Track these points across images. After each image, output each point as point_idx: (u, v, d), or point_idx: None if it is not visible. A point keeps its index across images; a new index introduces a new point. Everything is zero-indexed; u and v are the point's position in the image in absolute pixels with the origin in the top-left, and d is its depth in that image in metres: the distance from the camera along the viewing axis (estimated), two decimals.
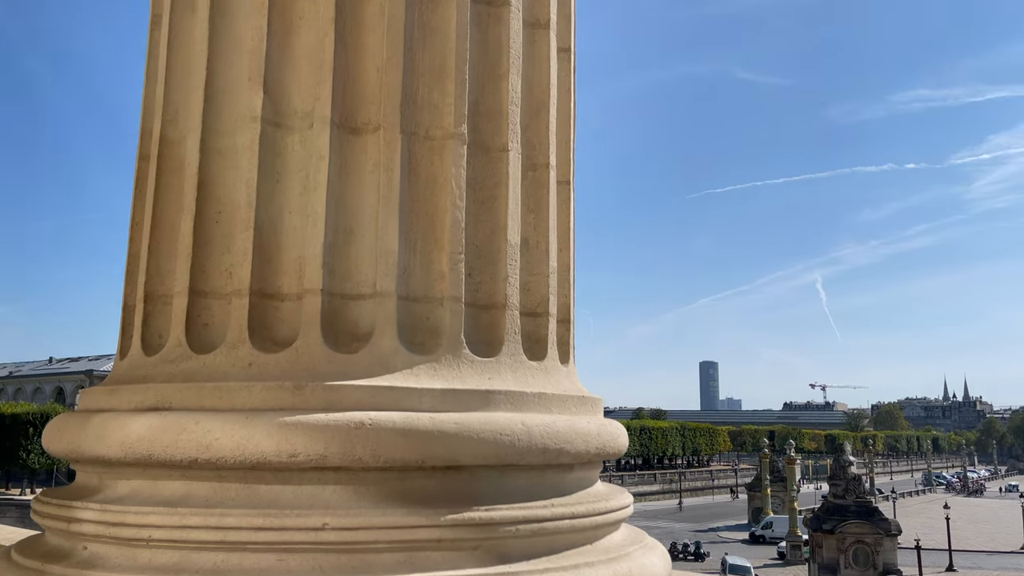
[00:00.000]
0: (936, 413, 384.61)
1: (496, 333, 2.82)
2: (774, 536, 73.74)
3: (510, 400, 2.66)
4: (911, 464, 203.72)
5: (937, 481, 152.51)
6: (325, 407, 2.44)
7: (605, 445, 2.87)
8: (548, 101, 3.15)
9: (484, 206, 2.90)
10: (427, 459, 2.43)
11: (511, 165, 2.93)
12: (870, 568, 52.39)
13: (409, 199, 2.77)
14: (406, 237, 2.73)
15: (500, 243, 2.87)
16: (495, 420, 2.54)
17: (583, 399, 2.98)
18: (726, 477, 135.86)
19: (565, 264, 3.20)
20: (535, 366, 2.89)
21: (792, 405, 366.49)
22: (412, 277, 2.73)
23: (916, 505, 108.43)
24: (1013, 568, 62.19)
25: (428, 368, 2.62)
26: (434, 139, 2.83)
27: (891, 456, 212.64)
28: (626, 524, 3.05)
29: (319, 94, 2.77)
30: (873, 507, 55.49)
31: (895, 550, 53.50)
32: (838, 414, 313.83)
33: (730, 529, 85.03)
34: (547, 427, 2.63)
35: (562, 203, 3.22)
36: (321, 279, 2.63)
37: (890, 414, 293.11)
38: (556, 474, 2.75)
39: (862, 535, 53.12)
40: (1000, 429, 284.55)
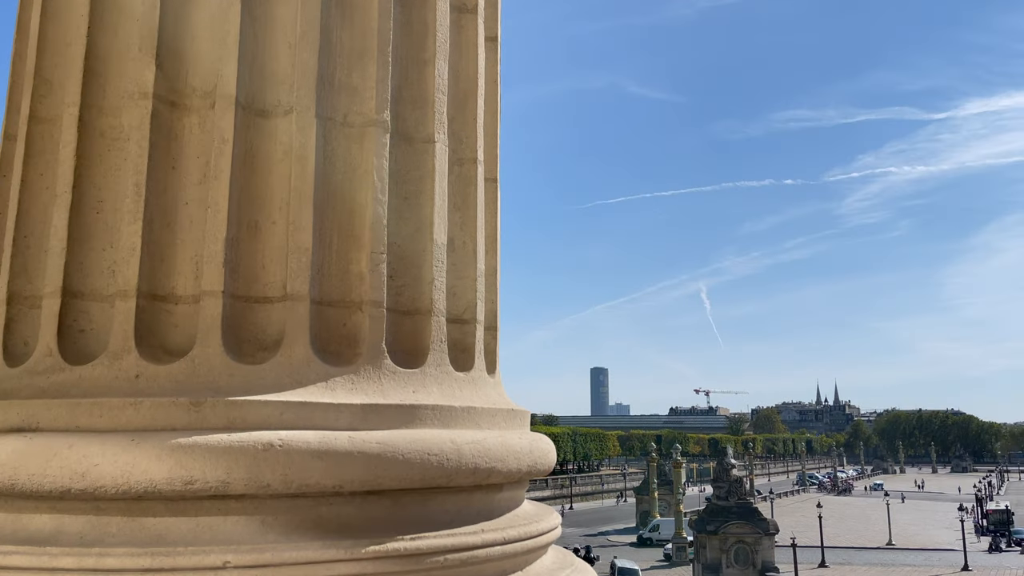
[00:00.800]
0: (810, 417, 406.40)
1: (421, 342, 2.56)
2: (661, 538, 75.66)
3: (437, 416, 2.42)
4: (787, 465, 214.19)
5: (810, 481, 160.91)
6: (227, 426, 2.12)
7: (537, 462, 2.66)
8: (476, 91, 2.93)
9: (408, 202, 2.64)
10: (346, 484, 2.16)
11: (437, 158, 2.69)
12: (750, 567, 54.58)
13: (325, 191, 2.48)
14: (321, 234, 2.45)
15: (425, 243, 2.62)
16: (422, 438, 2.29)
17: (512, 412, 2.76)
18: (615, 481, 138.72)
19: (492, 267, 2.98)
20: (462, 377, 2.66)
21: (678, 410, 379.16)
22: (328, 279, 2.45)
23: (792, 505, 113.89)
24: (879, 563, 66.11)
25: (346, 381, 2.34)
26: (353, 126, 2.56)
27: (769, 458, 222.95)
28: (553, 545, 2.86)
29: (222, 71, 2.44)
30: (753, 508, 57.88)
31: (773, 548, 55.93)
32: (721, 418, 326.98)
33: (619, 533, 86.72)
34: (478, 445, 2.40)
35: (489, 202, 3.00)
36: (222, 279, 2.31)
37: (768, 418, 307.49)
38: (485, 496, 2.52)
39: (743, 535, 55.30)
40: (867, 431, 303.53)
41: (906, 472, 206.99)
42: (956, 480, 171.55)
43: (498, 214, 3.08)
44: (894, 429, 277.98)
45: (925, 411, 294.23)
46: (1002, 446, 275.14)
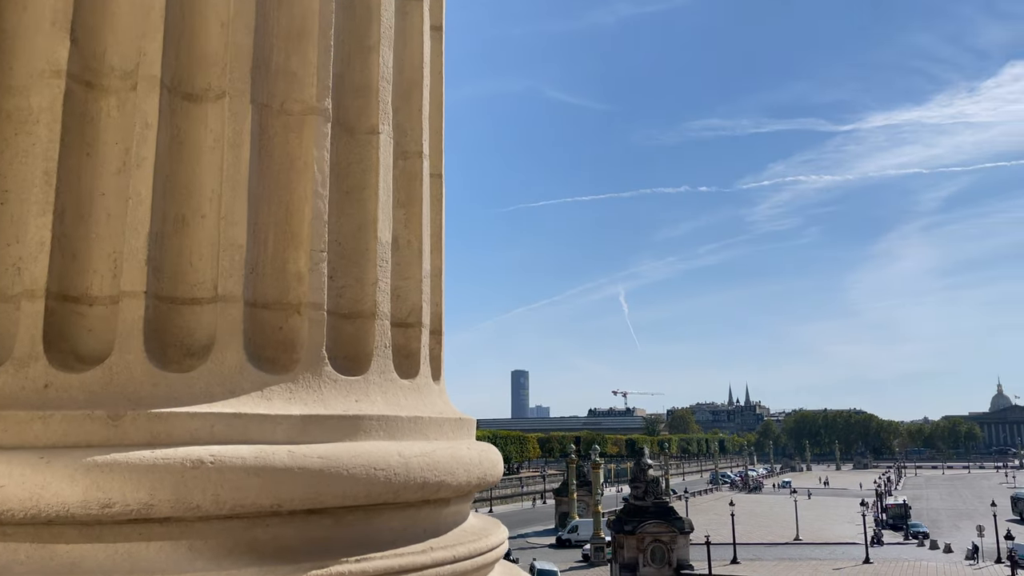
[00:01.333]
0: (722, 417, 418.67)
1: (364, 347, 2.39)
2: (579, 539, 76.38)
3: (383, 427, 2.25)
4: (701, 465, 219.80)
5: (723, 480, 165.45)
6: (150, 441, 1.91)
7: (486, 474, 2.52)
8: (421, 81, 2.77)
9: (350, 197, 2.47)
10: (285, 502, 1.97)
11: (382, 150, 2.52)
12: (666, 565, 55.66)
13: (260, 183, 2.28)
14: (256, 230, 2.25)
15: (369, 241, 2.45)
16: (367, 451, 2.12)
17: (459, 422, 2.62)
18: (535, 484, 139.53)
19: (437, 268, 2.83)
20: (407, 385, 2.50)
21: (596, 411, 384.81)
22: (263, 278, 2.25)
23: (705, 503, 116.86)
24: (787, 558, 68.45)
25: (283, 390, 2.16)
26: (292, 114, 2.37)
27: (684, 457, 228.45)
28: (501, 560, 2.73)
29: (146, 48, 2.22)
30: (669, 507, 59.08)
31: (688, 547, 57.21)
32: (638, 419, 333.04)
33: (538, 535, 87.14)
34: (426, 457, 2.25)
35: (435, 198, 2.85)
36: (144, 279, 2.09)
37: (683, 418, 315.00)
38: (433, 511, 2.37)
39: (659, 534, 56.35)
40: (776, 431, 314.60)
41: (812, 470, 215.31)
42: (858, 476, 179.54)
43: (443, 212, 2.94)
44: (801, 428, 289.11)
45: (830, 411, 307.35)
46: (900, 443, 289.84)
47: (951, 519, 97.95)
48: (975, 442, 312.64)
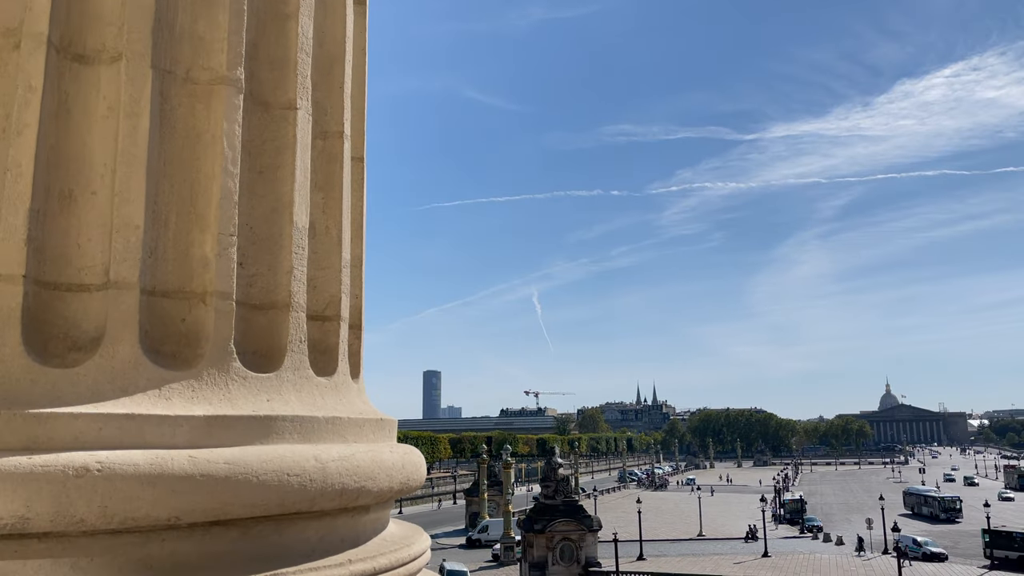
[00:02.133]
0: (631, 416, 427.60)
1: (277, 341, 2.18)
2: (490, 539, 76.43)
3: (298, 428, 2.05)
4: (610, 463, 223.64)
5: (630, 478, 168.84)
6: (27, 446, 1.66)
7: (409, 478, 2.35)
8: (343, 56, 2.57)
9: (264, 177, 2.26)
10: (184, 514, 1.76)
11: (299, 128, 2.32)
12: (574, 563, 56.26)
13: (161, 158, 2.05)
14: (156, 209, 2.02)
15: (284, 226, 2.25)
16: (280, 456, 1.92)
17: (380, 423, 2.44)
18: (446, 484, 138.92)
19: (358, 257, 2.64)
20: (324, 383, 2.30)
21: (508, 411, 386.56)
22: (163, 264, 2.02)
23: (614, 501, 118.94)
24: (691, 553, 70.32)
25: (185, 388, 1.93)
26: (199, 82, 2.14)
27: (593, 456, 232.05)
28: (425, 569, 2.56)
29: (31, 3, 1.96)
30: (578, 505, 59.73)
31: (596, 544, 58.00)
32: (549, 419, 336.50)
33: (448, 535, 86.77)
34: (345, 462, 2.06)
35: (356, 183, 2.66)
36: (24, 261, 1.83)
37: (593, 418, 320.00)
38: (352, 519, 2.18)
39: (568, 532, 56.91)
40: (681, 429, 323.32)
41: (715, 467, 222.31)
42: (758, 473, 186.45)
43: (365, 198, 2.75)
44: (706, 427, 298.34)
45: (732, 410, 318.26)
46: (797, 441, 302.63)
47: (843, 513, 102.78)
48: (866, 439, 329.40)
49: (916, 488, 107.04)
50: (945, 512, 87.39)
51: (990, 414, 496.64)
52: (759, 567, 60.83)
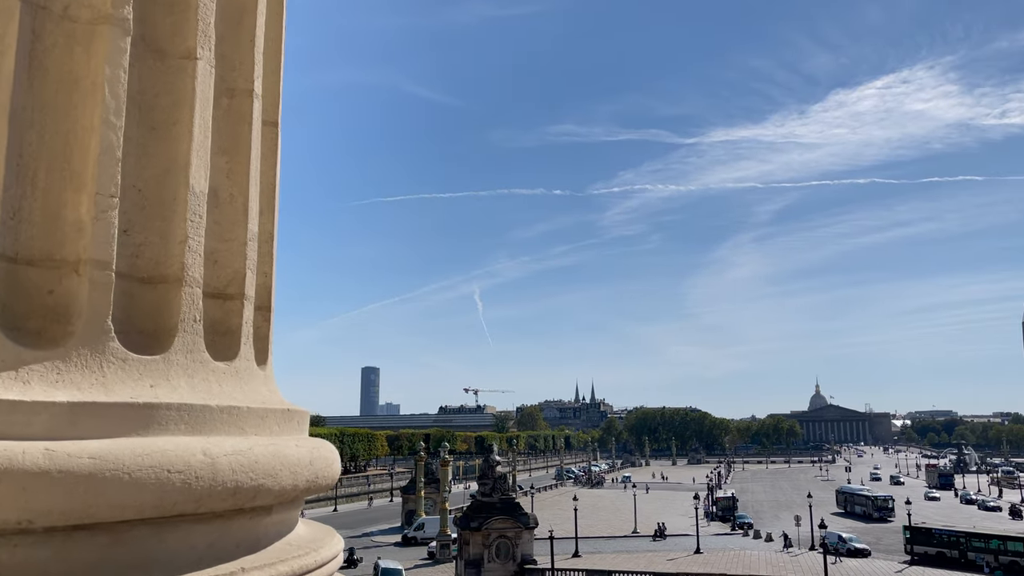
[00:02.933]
0: (569, 414, 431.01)
1: (166, 320, 1.92)
2: (426, 537, 75.95)
3: (186, 418, 1.80)
4: (547, 461, 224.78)
5: (567, 475, 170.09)
6: None
7: (318, 475, 2.11)
8: (255, 7, 2.31)
9: (156, 134, 1.98)
10: (39, 516, 1.49)
11: (199, 81, 2.05)
12: (510, 560, 56.28)
13: (30, 104, 1.77)
14: (21, 163, 1.73)
15: (178, 189, 1.98)
16: (160, 450, 1.66)
17: (288, 414, 2.19)
18: (383, 481, 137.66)
19: (268, 231, 2.38)
20: (223, 369, 2.04)
21: (447, 409, 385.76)
22: (28, 226, 1.74)
23: (550, 498, 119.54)
24: (625, 550, 71.09)
25: (48, 369, 1.66)
26: (78, 21, 1.86)
27: (532, 454, 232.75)
28: (338, 573, 2.32)
29: None
30: (515, 503, 59.81)
31: (532, 542, 58.14)
32: (488, 416, 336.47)
33: (384, 533, 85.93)
34: (240, 457, 1.81)
35: (268, 150, 2.40)
36: None
37: (531, 415, 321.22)
38: (249, 522, 1.93)
39: (504, 530, 56.90)
40: (618, 427, 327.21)
41: (651, 465, 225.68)
42: (692, 471, 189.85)
43: (278, 166, 2.49)
44: (642, 425, 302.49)
45: (668, 408, 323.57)
46: (730, 440, 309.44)
47: (773, 510, 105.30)
48: (795, 438, 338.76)
49: (849, 487, 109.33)
50: (878, 511, 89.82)
51: (912, 415, 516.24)
52: (691, 563, 61.81)
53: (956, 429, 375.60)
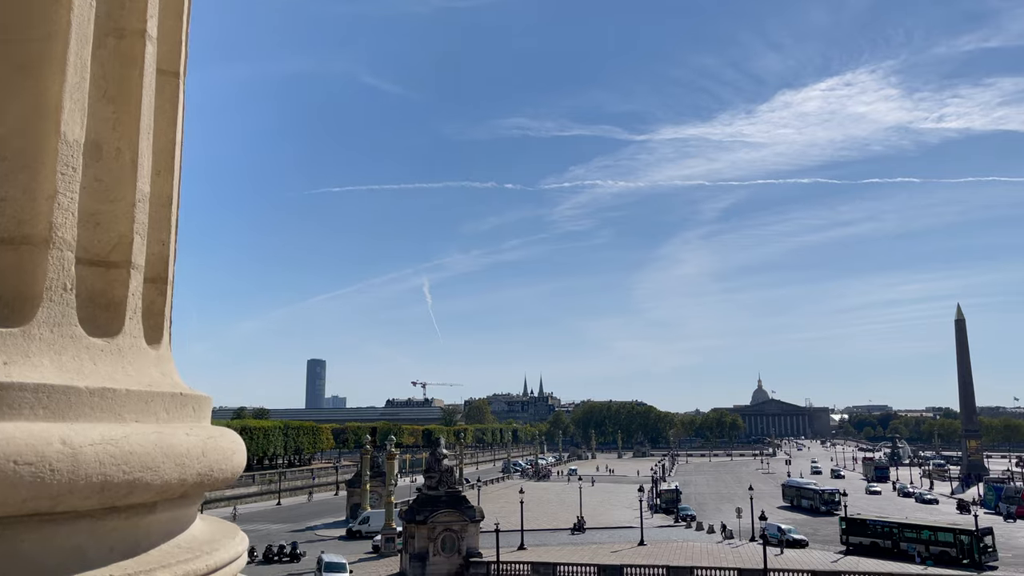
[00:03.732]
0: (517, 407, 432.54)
1: (28, 286, 1.65)
2: (371, 530, 75.33)
3: (46, 401, 1.53)
4: (495, 454, 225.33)
5: (514, 468, 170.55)
6: None
7: (213, 468, 1.86)
8: None
9: (23, 72, 1.71)
10: None
11: (76, 13, 1.78)
12: (455, 553, 56.13)
13: None
14: None
15: (47, 137, 1.71)
16: (6, 438, 1.40)
17: (181, 399, 1.93)
18: (328, 475, 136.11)
19: (166, 194, 2.11)
20: (100, 346, 1.77)
21: (395, 402, 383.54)
22: None
23: (497, 491, 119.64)
24: (570, 543, 71.49)
25: None
26: None
27: (479, 447, 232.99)
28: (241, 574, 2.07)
29: None
30: (461, 496, 59.63)
31: (478, 535, 58.07)
32: (436, 410, 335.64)
33: (328, 527, 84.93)
34: (111, 447, 1.55)
35: (166, 102, 2.12)
36: None
37: (480, 409, 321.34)
38: (125, 522, 1.67)
39: (450, 523, 56.71)
40: (566, 420, 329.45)
41: (597, 458, 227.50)
42: (637, 464, 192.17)
43: (180, 123, 2.22)
44: (589, 419, 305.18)
45: (615, 402, 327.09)
46: (675, 433, 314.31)
47: (715, 502, 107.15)
48: (738, 432, 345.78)
49: (795, 481, 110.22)
50: (825, 504, 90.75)
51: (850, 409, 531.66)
52: (635, 555, 62.49)
53: (891, 423, 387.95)
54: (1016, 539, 72.65)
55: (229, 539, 1.97)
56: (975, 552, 59.37)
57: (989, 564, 58.86)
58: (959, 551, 60.44)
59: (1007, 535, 73.14)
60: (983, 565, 58.21)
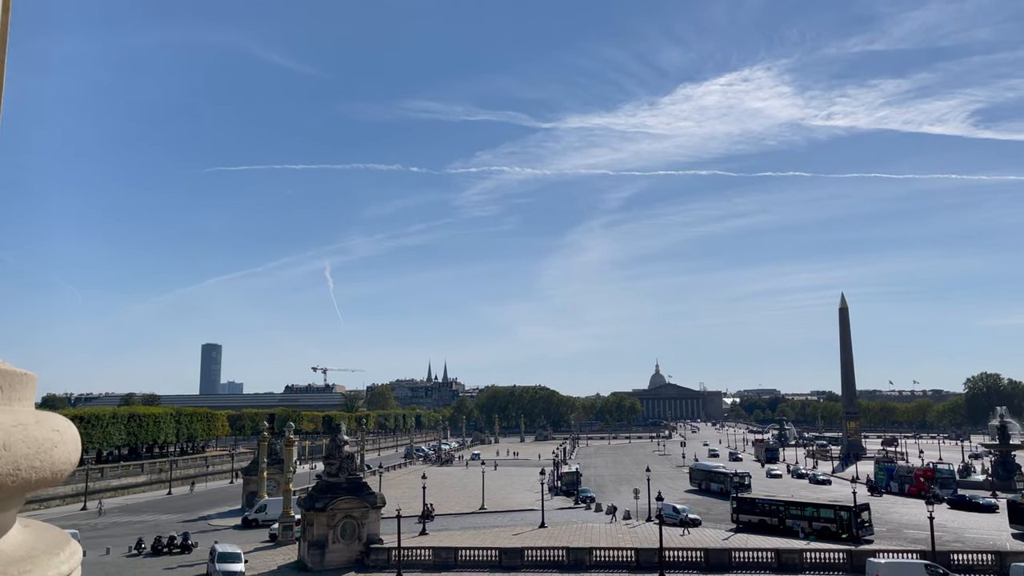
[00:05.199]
0: (421, 393, 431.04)
1: None
2: (268, 519, 73.48)
3: None
4: (397, 440, 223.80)
5: (417, 454, 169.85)
6: None
7: (21, 465, 1.45)
8: None
9: None
10: None
11: None
12: (356, 540, 55.31)
13: None
14: None
15: None
16: None
17: None
18: (223, 463, 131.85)
19: None
20: None
21: (294, 388, 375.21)
22: None
23: (400, 477, 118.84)
24: (472, 526, 71.68)
25: None
26: None
27: (382, 433, 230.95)
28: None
29: None
30: (362, 483, 58.78)
31: (379, 521, 57.44)
32: (337, 396, 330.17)
33: (222, 516, 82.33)
34: None
35: None
36: None
37: (382, 394, 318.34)
38: None
39: (351, 510, 55.84)
40: (470, 405, 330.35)
41: (500, 442, 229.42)
42: (540, 448, 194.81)
43: None
44: (492, 404, 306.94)
45: (518, 387, 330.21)
46: (576, 417, 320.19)
47: (614, 484, 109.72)
48: (636, 415, 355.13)
49: (704, 464, 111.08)
50: (736, 488, 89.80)
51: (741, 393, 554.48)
52: (536, 537, 63.23)
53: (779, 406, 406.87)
54: (890, 514, 77.48)
55: (51, 554, 1.56)
56: (853, 527, 62.94)
57: (865, 538, 62.56)
58: (839, 526, 63.94)
59: (883, 511, 77.90)
60: (860, 539, 61.80)
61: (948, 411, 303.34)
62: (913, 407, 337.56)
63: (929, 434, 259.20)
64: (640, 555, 51.17)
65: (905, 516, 76.74)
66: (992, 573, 47.66)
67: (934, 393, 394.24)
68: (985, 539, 62.78)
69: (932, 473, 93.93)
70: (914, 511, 77.52)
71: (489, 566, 51.70)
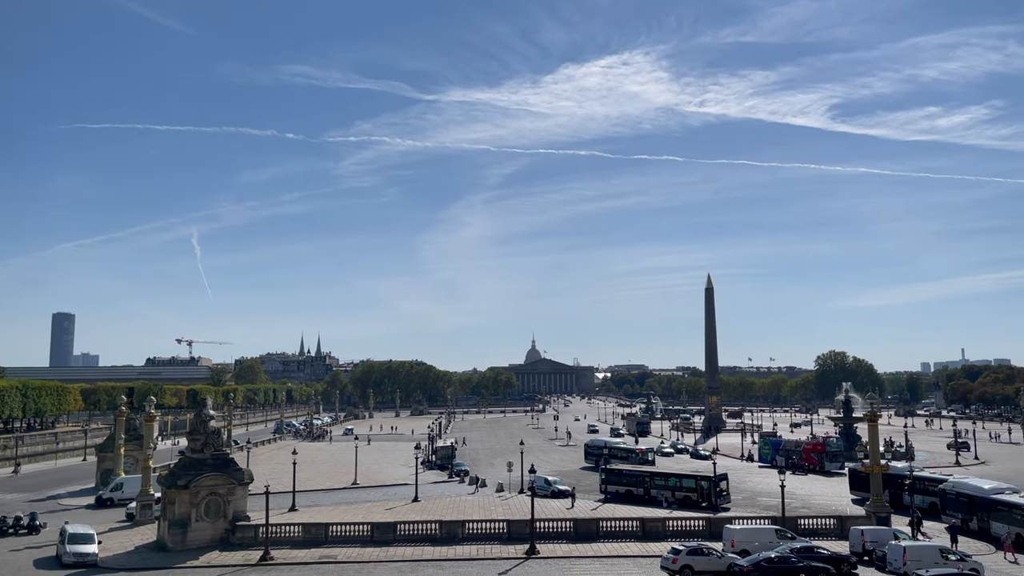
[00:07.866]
0: (293, 367, 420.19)
1: None
2: (125, 498, 69.69)
3: None
4: (267, 415, 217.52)
5: (288, 429, 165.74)
6: None
7: None
8: None
9: None
10: None
11: None
12: (221, 518, 53.27)
13: None
14: None
15: None
16: None
17: None
18: (75, 439, 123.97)
19: None
20: None
21: (156, 360, 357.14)
22: None
23: (269, 452, 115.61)
24: (344, 502, 70.68)
25: None
26: None
27: (250, 408, 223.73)
28: None
29: None
30: (229, 459, 56.57)
31: (247, 497, 55.52)
32: (203, 369, 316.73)
33: (74, 495, 77.49)
34: None
35: None
36: None
37: (251, 368, 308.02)
38: None
39: (216, 487, 53.66)
40: (344, 380, 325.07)
41: (375, 417, 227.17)
42: (415, 422, 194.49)
43: None
44: (368, 378, 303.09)
45: (395, 362, 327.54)
46: (452, 392, 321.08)
47: (488, 457, 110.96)
48: (512, 389, 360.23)
49: (606, 440, 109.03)
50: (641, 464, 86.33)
51: (612, 368, 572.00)
52: (408, 511, 63.07)
53: (647, 381, 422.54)
54: (746, 483, 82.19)
55: None
56: (712, 495, 66.32)
57: (723, 506, 66.09)
58: (699, 495, 67.21)
59: (739, 480, 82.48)
60: (718, 507, 65.21)
61: (800, 386, 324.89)
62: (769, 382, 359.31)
63: (783, 407, 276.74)
64: (512, 526, 51.92)
65: (759, 484, 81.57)
66: (834, 535, 51.31)
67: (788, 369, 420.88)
68: (829, 504, 67.70)
69: (822, 447, 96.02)
70: (768, 480, 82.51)
71: (361, 541, 51.06)
